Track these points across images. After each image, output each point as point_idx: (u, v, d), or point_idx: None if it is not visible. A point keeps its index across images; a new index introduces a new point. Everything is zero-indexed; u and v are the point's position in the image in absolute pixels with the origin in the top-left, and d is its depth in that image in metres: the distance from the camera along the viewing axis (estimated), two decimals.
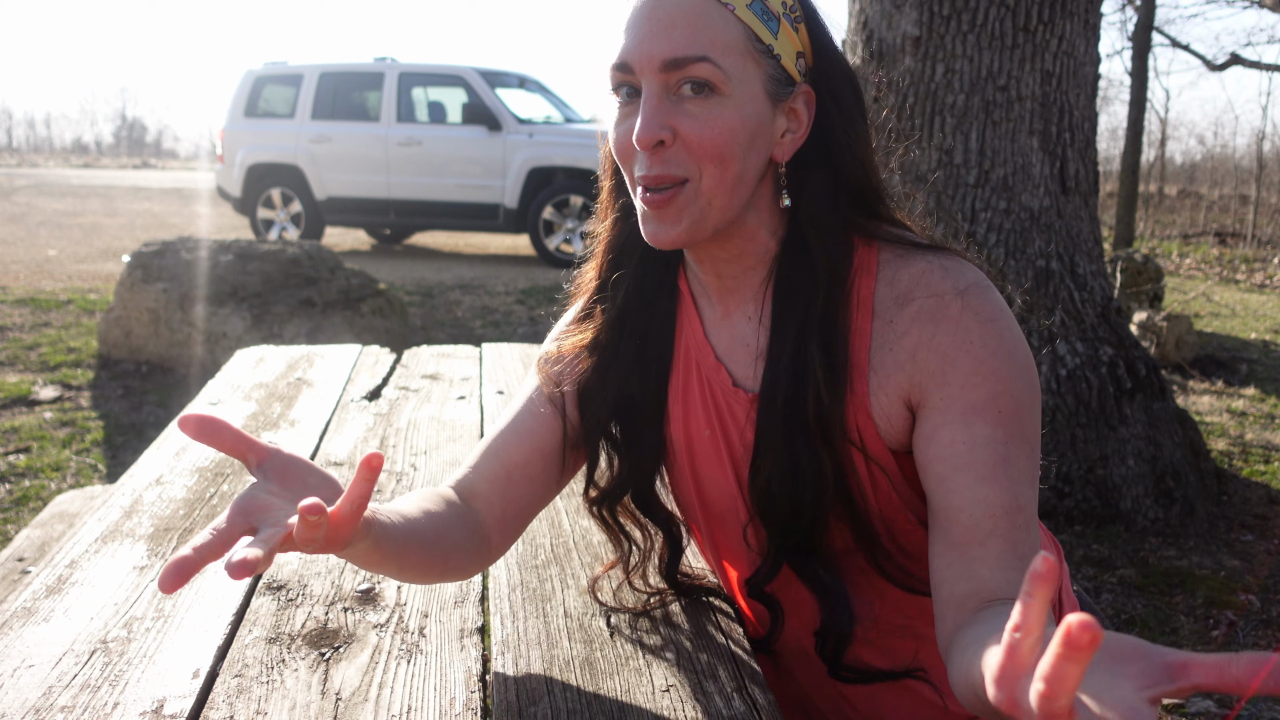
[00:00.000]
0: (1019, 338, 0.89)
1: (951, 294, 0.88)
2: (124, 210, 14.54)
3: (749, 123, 0.86)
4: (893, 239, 0.93)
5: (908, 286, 0.90)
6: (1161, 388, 3.52)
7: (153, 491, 1.41)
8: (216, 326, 5.12)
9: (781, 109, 0.90)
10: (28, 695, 0.90)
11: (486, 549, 1.01)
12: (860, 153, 0.92)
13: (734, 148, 0.86)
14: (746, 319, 0.98)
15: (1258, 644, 2.60)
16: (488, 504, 1.01)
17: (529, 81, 10.54)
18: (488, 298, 7.46)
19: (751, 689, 0.94)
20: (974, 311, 0.88)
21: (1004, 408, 0.85)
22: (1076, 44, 3.39)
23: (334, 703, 0.90)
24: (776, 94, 0.88)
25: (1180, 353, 5.72)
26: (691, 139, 0.85)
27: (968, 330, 0.87)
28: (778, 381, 0.92)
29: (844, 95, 0.92)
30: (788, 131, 0.91)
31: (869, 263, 0.92)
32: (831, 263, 0.91)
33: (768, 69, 0.87)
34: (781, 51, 0.87)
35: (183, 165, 40.05)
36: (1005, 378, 0.86)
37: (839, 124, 0.91)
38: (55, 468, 3.74)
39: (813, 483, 0.91)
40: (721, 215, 0.89)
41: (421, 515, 0.91)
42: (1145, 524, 3.29)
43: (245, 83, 10.13)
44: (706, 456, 1.02)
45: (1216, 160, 19.88)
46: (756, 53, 0.86)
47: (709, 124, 0.85)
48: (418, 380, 2.09)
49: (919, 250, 0.92)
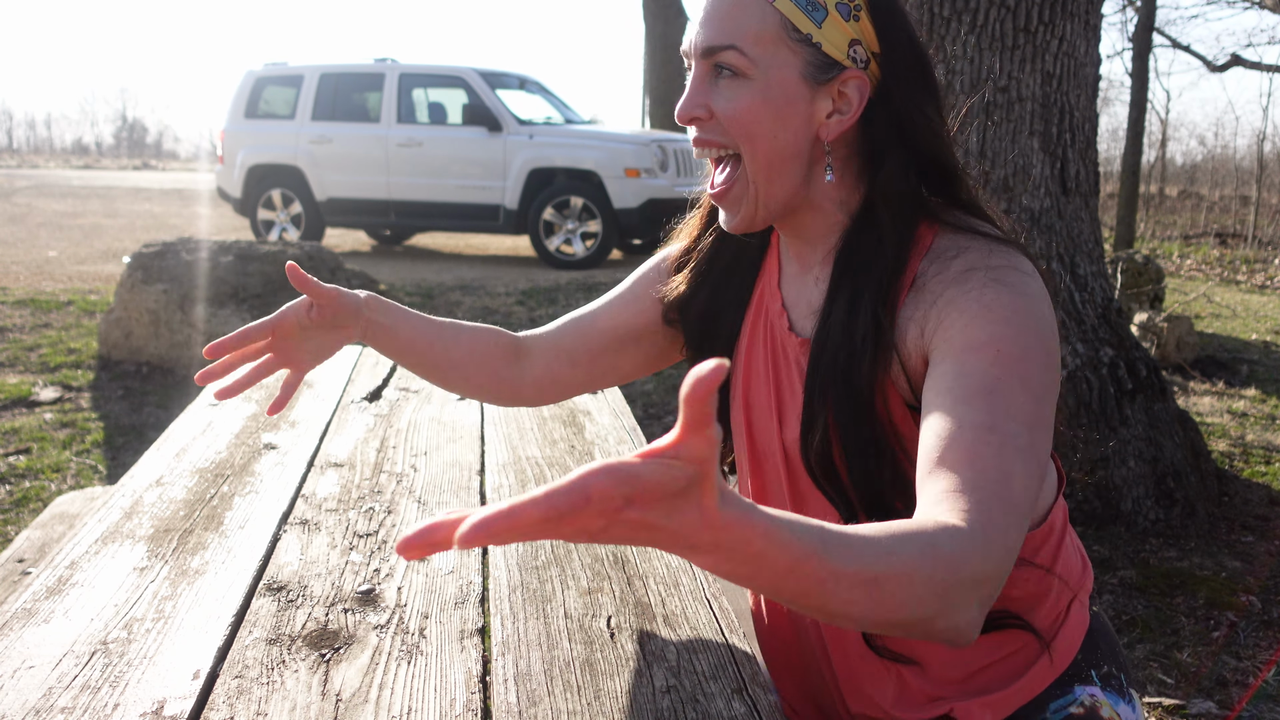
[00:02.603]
0: (1042, 315, 0.88)
1: (983, 268, 0.90)
2: (124, 211, 14.55)
3: (773, 103, 0.94)
4: (958, 224, 0.96)
5: (949, 259, 0.93)
6: (1162, 389, 3.52)
7: (153, 492, 1.41)
8: (217, 327, 5.12)
9: (825, 91, 0.95)
10: (28, 696, 0.90)
11: (516, 381, 1.21)
12: (929, 135, 0.96)
13: (757, 125, 0.95)
14: (814, 281, 1.04)
15: (1259, 645, 2.60)
16: (541, 341, 1.22)
17: (529, 82, 10.55)
18: (488, 299, 7.46)
19: (753, 690, 0.94)
20: (997, 279, 0.89)
21: (1004, 349, 0.85)
22: (1077, 45, 3.39)
23: (334, 704, 0.90)
24: (815, 78, 0.95)
25: (1181, 354, 5.72)
26: (721, 115, 0.96)
27: (984, 288, 0.89)
28: (829, 333, 0.97)
29: (911, 80, 0.96)
30: (834, 113, 0.96)
31: (925, 241, 0.96)
32: (896, 236, 0.95)
33: (805, 55, 0.94)
34: (824, 39, 0.94)
35: (183, 166, 40.07)
36: (1013, 325, 0.86)
37: (906, 108, 0.96)
38: (55, 469, 3.74)
39: (852, 433, 0.94)
40: (770, 193, 0.98)
41: (448, 321, 1.19)
42: (1146, 525, 3.29)
43: (245, 83, 10.14)
44: (759, 395, 1.08)
45: (1217, 161, 19.88)
46: (792, 41, 0.93)
47: (733, 102, 0.95)
48: (418, 381, 2.09)
49: (978, 236, 0.94)
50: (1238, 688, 2.40)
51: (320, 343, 1.14)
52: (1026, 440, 0.82)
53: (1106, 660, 1.03)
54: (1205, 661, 2.51)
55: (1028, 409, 0.83)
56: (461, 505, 1.39)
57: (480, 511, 0.50)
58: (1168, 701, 2.32)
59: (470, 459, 1.59)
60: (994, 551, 0.76)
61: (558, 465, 1.57)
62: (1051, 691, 1.00)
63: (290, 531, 1.29)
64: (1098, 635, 1.04)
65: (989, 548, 0.76)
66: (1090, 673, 1.01)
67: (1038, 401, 0.85)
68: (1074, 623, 1.02)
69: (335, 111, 9.80)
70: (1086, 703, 0.99)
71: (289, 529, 1.30)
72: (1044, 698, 0.99)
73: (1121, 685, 1.02)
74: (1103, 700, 1.00)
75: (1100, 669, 1.02)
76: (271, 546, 1.24)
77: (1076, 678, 1.00)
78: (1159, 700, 2.33)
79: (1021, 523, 0.80)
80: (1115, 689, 1.01)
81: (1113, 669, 1.03)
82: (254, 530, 1.28)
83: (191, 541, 1.24)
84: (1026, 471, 0.81)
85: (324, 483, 1.47)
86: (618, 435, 1.73)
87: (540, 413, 1.86)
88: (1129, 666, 1.06)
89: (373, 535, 1.28)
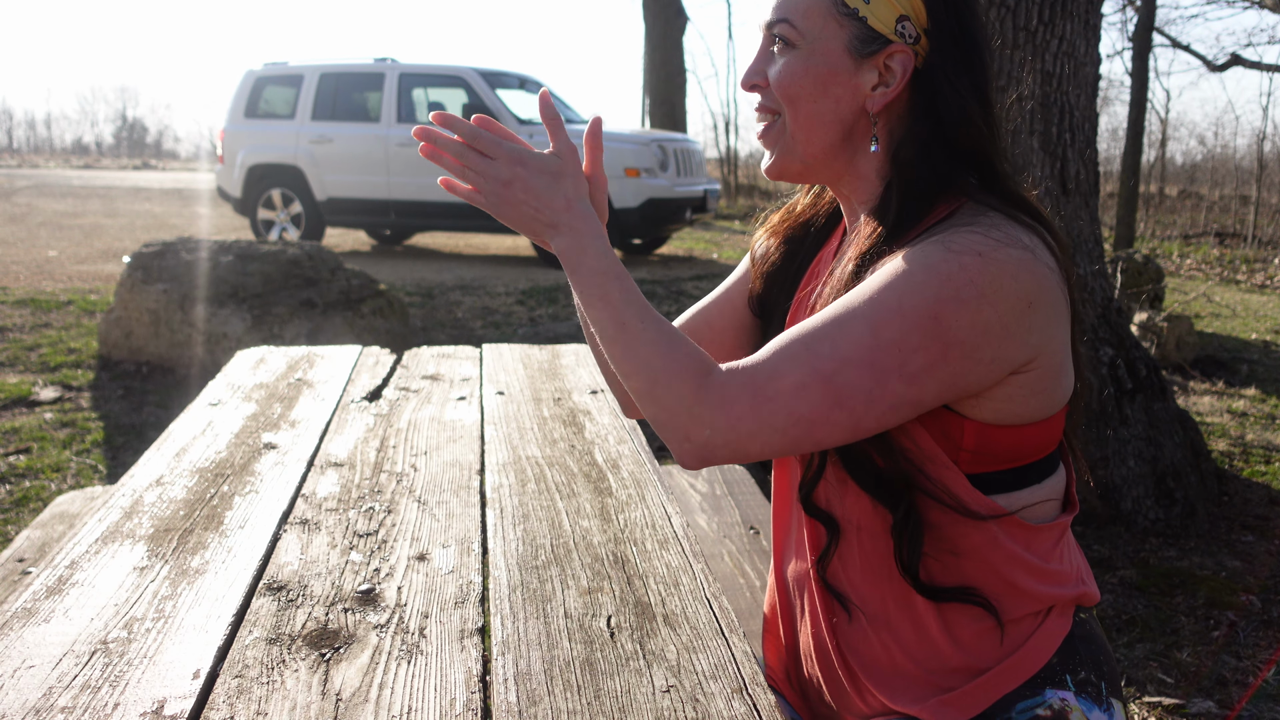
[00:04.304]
0: (979, 284, 0.87)
1: (953, 229, 0.91)
2: (124, 211, 14.55)
3: (816, 71, 1.00)
4: (981, 201, 0.95)
5: (943, 229, 0.93)
6: (1162, 388, 3.52)
7: (153, 492, 1.41)
8: (217, 327, 5.12)
9: (870, 64, 0.99)
10: (28, 696, 0.90)
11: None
12: (964, 112, 0.97)
13: (800, 90, 1.01)
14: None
15: (1259, 644, 2.60)
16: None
17: (529, 82, 10.55)
18: (488, 298, 7.47)
19: (753, 690, 0.94)
20: (947, 239, 0.90)
21: (882, 297, 0.89)
22: (1077, 44, 3.39)
23: (334, 703, 0.90)
24: (860, 50, 0.99)
25: (1181, 353, 5.72)
26: (771, 82, 1.03)
27: (929, 244, 0.91)
28: (822, 291, 1.02)
29: (953, 60, 0.98)
30: (879, 85, 0.99)
31: (939, 214, 0.96)
32: (897, 210, 0.97)
33: (851, 29, 0.98)
34: (870, 14, 0.97)
35: (183, 166, 40.08)
36: (915, 279, 0.88)
37: (944, 83, 0.97)
38: (55, 468, 3.74)
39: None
40: (805, 149, 1.03)
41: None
42: (1146, 525, 3.29)
43: (245, 83, 10.14)
44: None
45: (1217, 161, 19.87)
46: (840, 15, 0.98)
47: (782, 71, 1.02)
48: (418, 381, 2.09)
49: (993, 211, 0.94)
50: (1237, 687, 2.40)
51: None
52: (830, 367, 0.89)
53: (1085, 667, 1.00)
54: (1205, 661, 2.51)
55: (856, 349, 0.89)
56: (461, 505, 1.40)
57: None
58: (1168, 701, 2.32)
59: (470, 459, 1.59)
60: (710, 403, 0.91)
61: (558, 465, 1.57)
62: (1021, 692, 0.98)
63: (290, 531, 1.29)
64: (1079, 641, 1.01)
65: (709, 396, 0.91)
66: (1065, 677, 0.99)
67: (878, 349, 0.88)
68: (1051, 627, 1.00)
69: (335, 111, 9.81)
70: (1055, 705, 0.97)
71: (289, 529, 1.30)
72: (1011, 698, 0.98)
73: (1100, 693, 1.00)
74: (1074, 705, 0.97)
75: (1077, 675, 1.00)
76: (271, 546, 1.24)
77: (1049, 681, 0.98)
78: (1159, 700, 2.33)
79: (761, 415, 0.89)
80: (1091, 696, 0.99)
81: (1091, 676, 1.00)
82: (254, 530, 1.28)
83: (191, 541, 1.24)
84: (801, 384, 0.89)
85: (324, 482, 1.47)
86: (618, 435, 1.73)
87: (540, 412, 1.86)
88: (1114, 676, 1.03)
89: (373, 535, 1.28)
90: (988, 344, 0.89)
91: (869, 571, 1.03)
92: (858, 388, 0.88)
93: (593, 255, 0.98)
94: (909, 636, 1.01)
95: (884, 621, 1.03)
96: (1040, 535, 1.01)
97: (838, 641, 1.06)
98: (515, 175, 1.00)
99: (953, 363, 0.88)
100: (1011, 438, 0.97)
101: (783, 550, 1.16)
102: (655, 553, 1.24)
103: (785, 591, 1.15)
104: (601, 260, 0.98)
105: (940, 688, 1.00)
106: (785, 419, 0.90)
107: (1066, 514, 1.05)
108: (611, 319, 0.96)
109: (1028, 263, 0.89)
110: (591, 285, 0.97)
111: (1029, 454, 0.99)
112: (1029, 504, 1.00)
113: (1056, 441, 1.02)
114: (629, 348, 0.95)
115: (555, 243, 1.00)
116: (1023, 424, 0.96)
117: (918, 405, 0.91)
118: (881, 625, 1.03)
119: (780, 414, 0.90)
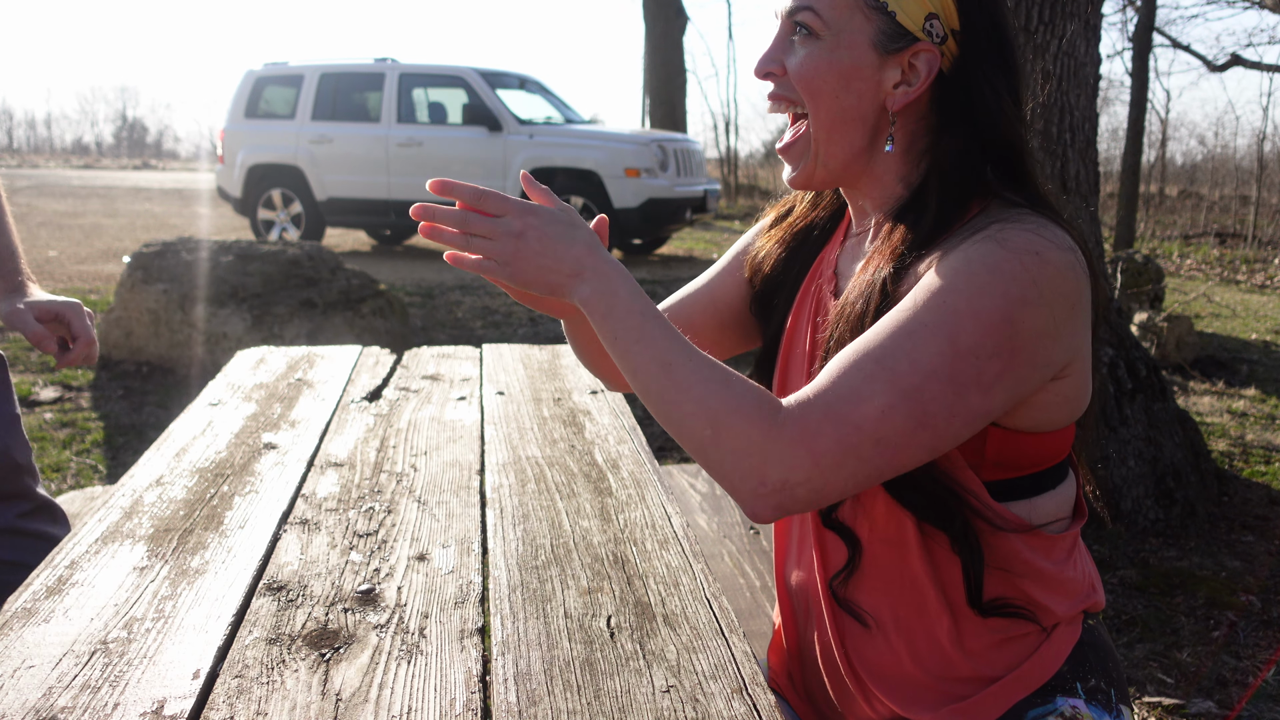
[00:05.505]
0: (1030, 282, 0.84)
1: (994, 225, 0.89)
2: (124, 211, 14.55)
3: (840, 65, 0.96)
4: (1010, 200, 0.94)
5: (978, 227, 0.91)
6: (1162, 388, 3.52)
7: (153, 492, 1.41)
8: (217, 327, 5.12)
9: (895, 61, 0.96)
10: (28, 696, 0.90)
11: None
12: (999, 119, 0.95)
13: (822, 84, 0.97)
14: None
15: (1259, 645, 2.60)
16: None
17: (529, 82, 10.55)
18: (488, 298, 7.46)
19: (753, 690, 0.94)
20: (993, 236, 0.87)
21: (949, 301, 0.84)
22: (1077, 45, 3.39)
23: (334, 703, 0.90)
24: (886, 46, 0.95)
25: (1181, 353, 5.72)
26: (791, 73, 0.99)
27: (975, 243, 0.87)
28: (847, 295, 0.98)
29: (987, 61, 0.95)
30: (902, 84, 0.96)
31: (970, 214, 0.94)
32: (936, 214, 0.94)
33: (878, 23, 0.95)
34: (899, 9, 0.94)
35: (183, 166, 40.08)
36: (977, 280, 0.84)
37: (984, 84, 0.95)
38: (55, 468, 3.74)
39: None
40: (830, 153, 0.99)
41: None
42: (1146, 525, 3.29)
43: (245, 83, 10.14)
44: (796, 352, 1.10)
45: (1217, 161, 19.86)
46: (867, 8, 0.95)
47: (803, 61, 0.97)
48: (418, 381, 2.09)
49: (1022, 208, 0.92)
50: (1237, 687, 2.40)
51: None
52: (913, 383, 0.83)
53: (1095, 674, 1.00)
54: (1205, 661, 2.51)
55: (935, 361, 0.83)
56: (461, 505, 1.40)
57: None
58: (1168, 701, 2.32)
59: (470, 459, 1.59)
60: (787, 439, 0.82)
61: (558, 465, 1.57)
62: (1031, 700, 0.98)
63: (290, 531, 1.29)
64: (1088, 648, 1.01)
65: (784, 432, 0.83)
66: (1075, 685, 0.99)
67: (957, 358, 0.83)
68: (1061, 635, 1.01)
69: (335, 111, 9.81)
70: (1066, 713, 0.97)
71: (289, 529, 1.30)
72: (1023, 706, 0.98)
73: (1109, 699, 1.00)
74: (1085, 712, 0.97)
75: (1087, 682, 1.00)
76: (271, 546, 1.24)
77: (1059, 689, 0.98)
78: (1159, 700, 2.33)
79: (848, 445, 0.82)
80: (1101, 703, 0.99)
81: (1101, 683, 1.00)
82: (254, 530, 1.28)
83: (191, 541, 1.24)
84: (888, 406, 0.82)
85: (324, 482, 1.47)
86: (618, 435, 1.73)
87: (540, 412, 1.86)
88: (1123, 682, 1.03)
89: (373, 535, 1.28)
90: (1043, 348, 0.86)
91: (881, 581, 1.02)
92: (940, 403, 0.83)
93: (625, 295, 0.90)
94: (920, 646, 1.01)
95: (894, 630, 1.02)
96: (1056, 545, 1.01)
97: (845, 648, 1.05)
98: (528, 225, 0.93)
99: (1018, 368, 0.85)
100: (1034, 445, 0.95)
101: (784, 555, 1.16)
102: (655, 553, 1.24)
103: (788, 595, 1.15)
104: (637, 300, 0.90)
105: (951, 696, 1.00)
106: (872, 447, 0.82)
107: (1077, 522, 1.04)
108: (655, 360, 0.87)
109: (1073, 264, 0.87)
110: (629, 328, 0.89)
111: (1045, 460, 0.98)
112: (1047, 511, 0.99)
113: (1069, 447, 1.01)
114: (681, 389, 0.86)
115: (580, 291, 0.92)
116: (1046, 431, 0.95)
117: (987, 418, 0.86)
118: (892, 634, 1.02)
119: (868, 442, 0.82)
